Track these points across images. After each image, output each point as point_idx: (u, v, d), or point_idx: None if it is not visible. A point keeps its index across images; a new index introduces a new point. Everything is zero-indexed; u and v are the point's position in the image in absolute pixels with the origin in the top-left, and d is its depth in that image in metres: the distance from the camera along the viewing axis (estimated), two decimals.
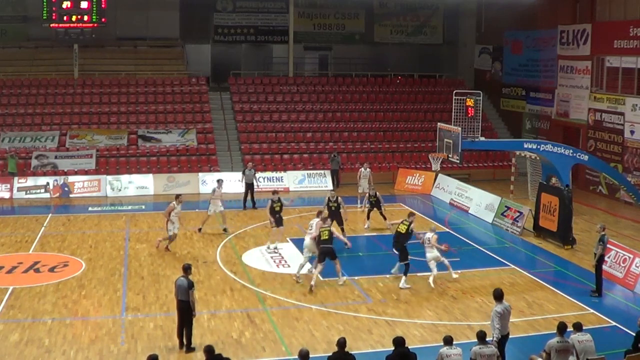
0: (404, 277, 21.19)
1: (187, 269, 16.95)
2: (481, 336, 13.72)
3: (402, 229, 21.54)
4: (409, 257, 21.26)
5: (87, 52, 41.56)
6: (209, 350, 13.47)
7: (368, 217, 28.60)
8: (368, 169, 31.78)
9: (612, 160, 33.75)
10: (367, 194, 28.63)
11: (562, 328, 14.09)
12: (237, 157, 38.36)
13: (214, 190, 27.38)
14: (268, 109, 41.45)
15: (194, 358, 16.16)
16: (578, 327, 14.39)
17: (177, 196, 24.84)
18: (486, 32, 45.67)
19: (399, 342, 13.35)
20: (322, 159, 38.17)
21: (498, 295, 15.16)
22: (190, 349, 16.58)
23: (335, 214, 25.35)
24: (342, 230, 25.56)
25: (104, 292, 20.43)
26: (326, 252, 20.80)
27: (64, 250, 24.75)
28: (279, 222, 24.89)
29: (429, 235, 21.16)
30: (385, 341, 16.98)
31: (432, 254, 21.04)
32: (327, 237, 20.77)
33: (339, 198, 25.92)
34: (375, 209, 28.02)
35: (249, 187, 31.21)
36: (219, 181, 27.77)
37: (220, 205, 27.14)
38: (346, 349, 13.26)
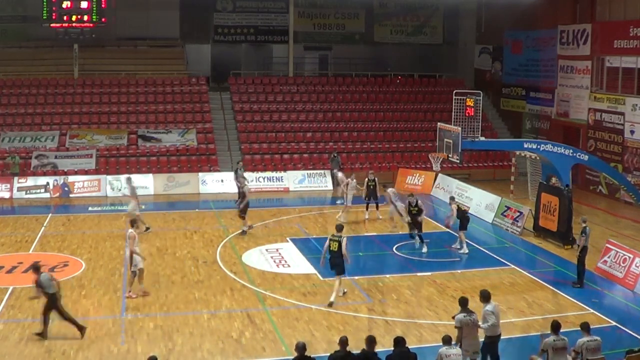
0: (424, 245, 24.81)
1: (38, 268, 17.30)
2: (446, 339, 13.76)
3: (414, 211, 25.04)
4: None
5: (87, 52, 41.56)
6: (301, 347, 13.07)
7: (367, 208, 29.51)
8: (354, 181, 29.77)
9: (612, 160, 33.74)
10: (366, 179, 29.10)
11: (556, 327, 14.12)
12: (237, 157, 38.28)
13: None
14: (268, 108, 41.45)
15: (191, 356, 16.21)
16: (586, 328, 14.32)
17: (133, 222, 21.23)
18: (486, 32, 45.67)
19: (399, 341, 13.36)
20: (322, 159, 38.17)
21: (487, 296, 15.11)
22: (82, 328, 17.03)
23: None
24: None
25: (104, 292, 20.43)
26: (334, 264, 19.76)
27: (64, 250, 24.75)
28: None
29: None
30: (385, 341, 16.95)
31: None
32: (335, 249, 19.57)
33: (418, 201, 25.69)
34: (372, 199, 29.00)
35: None
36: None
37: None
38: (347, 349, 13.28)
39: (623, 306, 20.20)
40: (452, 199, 25.57)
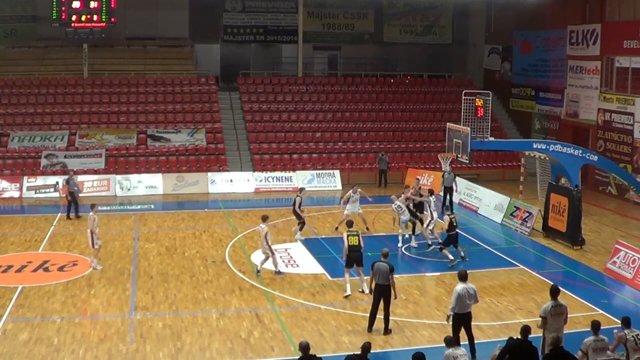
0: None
1: None
2: (448, 340, 13.78)
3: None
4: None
5: (96, 51, 41.70)
6: (304, 346, 13.15)
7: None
8: (358, 191, 27.38)
9: (622, 160, 33.64)
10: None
11: (596, 326, 14.10)
12: (246, 156, 38.38)
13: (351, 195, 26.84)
14: (277, 108, 41.47)
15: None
16: (595, 327, 14.24)
17: (93, 206, 23.38)
18: (495, 32, 45.56)
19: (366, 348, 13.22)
20: (331, 159, 38.20)
21: (462, 276, 16.20)
22: None
23: None
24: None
25: (112, 291, 20.48)
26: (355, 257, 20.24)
27: (73, 249, 24.83)
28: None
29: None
30: (393, 341, 17.00)
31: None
32: (355, 243, 20.19)
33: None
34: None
35: None
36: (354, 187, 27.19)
37: (358, 208, 26.72)
38: (353, 350, 13.28)
39: (632, 307, 20.11)
40: (446, 208, 25.35)
